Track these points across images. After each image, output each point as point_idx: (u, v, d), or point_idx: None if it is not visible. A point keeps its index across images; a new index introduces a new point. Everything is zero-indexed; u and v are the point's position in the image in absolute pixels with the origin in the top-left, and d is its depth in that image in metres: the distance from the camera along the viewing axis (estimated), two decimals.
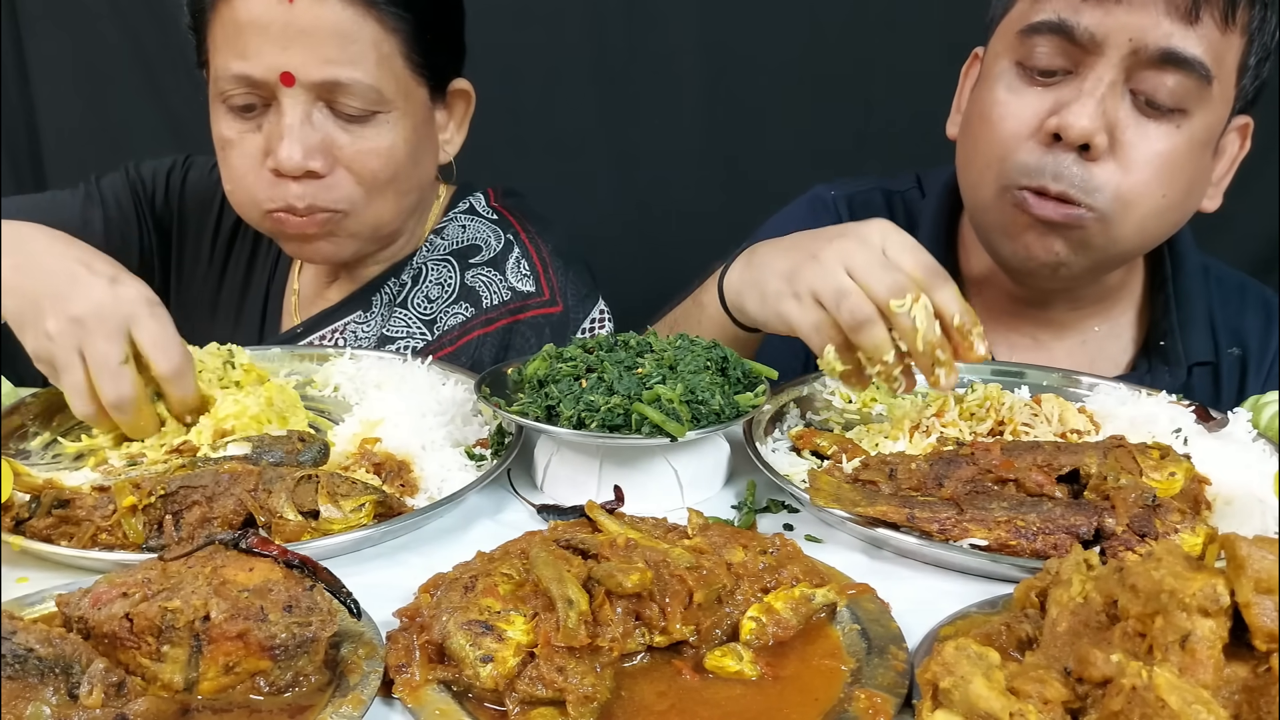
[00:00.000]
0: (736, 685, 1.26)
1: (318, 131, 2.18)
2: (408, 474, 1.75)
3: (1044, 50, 2.09)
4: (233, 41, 2.16)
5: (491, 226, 2.53)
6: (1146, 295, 2.47)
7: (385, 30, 2.19)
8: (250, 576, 1.22)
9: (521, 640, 1.22)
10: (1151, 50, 2.00)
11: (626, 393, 1.67)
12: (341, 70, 2.15)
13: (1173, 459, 1.67)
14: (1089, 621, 1.15)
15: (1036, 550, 1.51)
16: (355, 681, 1.19)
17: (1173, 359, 2.35)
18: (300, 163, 2.16)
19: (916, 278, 1.79)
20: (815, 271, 1.84)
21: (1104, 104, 2.04)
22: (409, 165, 2.31)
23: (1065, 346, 2.44)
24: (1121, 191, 2.08)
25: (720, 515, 1.69)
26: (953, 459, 1.67)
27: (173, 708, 1.14)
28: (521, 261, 2.47)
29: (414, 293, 2.44)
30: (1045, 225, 2.13)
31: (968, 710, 1.06)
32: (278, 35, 2.11)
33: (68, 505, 1.54)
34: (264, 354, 2.18)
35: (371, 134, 2.23)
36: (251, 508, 1.55)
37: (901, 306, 1.77)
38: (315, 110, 2.18)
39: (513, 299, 2.42)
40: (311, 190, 2.21)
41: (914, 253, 1.82)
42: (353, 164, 2.22)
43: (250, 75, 2.14)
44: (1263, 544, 1.06)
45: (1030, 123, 2.12)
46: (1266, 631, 1.04)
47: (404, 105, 2.26)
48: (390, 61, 2.22)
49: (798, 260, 1.88)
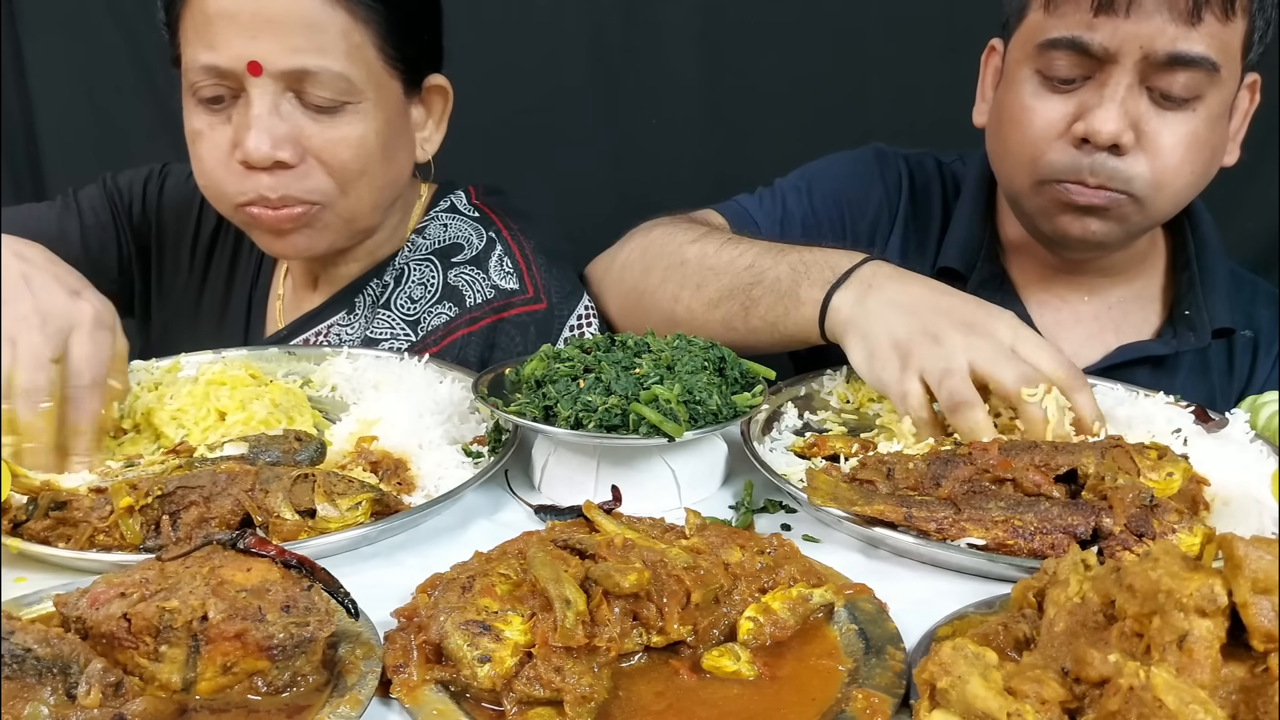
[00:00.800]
0: (734, 685, 1.26)
1: (286, 121, 2.16)
2: (405, 472, 1.75)
3: (1062, 63, 2.19)
4: (202, 33, 2.14)
5: (473, 225, 2.51)
6: (1169, 272, 2.55)
7: (356, 20, 2.17)
8: (248, 576, 1.22)
9: (519, 640, 1.22)
10: (1161, 55, 2.09)
11: (624, 393, 1.67)
12: (309, 59, 2.13)
13: (1170, 459, 1.67)
14: (1086, 621, 1.15)
15: (1034, 550, 1.51)
16: (353, 681, 1.19)
17: (1197, 325, 2.42)
18: (268, 153, 2.14)
19: (1057, 377, 1.83)
20: (933, 355, 1.85)
21: (1124, 105, 2.13)
22: (381, 158, 2.29)
23: (1093, 310, 2.51)
24: (1153, 177, 2.19)
25: (718, 515, 1.69)
26: (950, 459, 1.67)
27: (170, 708, 1.14)
28: (504, 259, 2.44)
29: (397, 293, 2.42)
30: (1084, 210, 2.24)
31: (965, 710, 1.06)
32: (245, 24, 2.10)
33: (65, 507, 1.54)
34: (260, 354, 2.18)
35: (342, 124, 2.21)
36: (249, 507, 1.55)
37: (1033, 396, 1.79)
38: (283, 100, 2.16)
39: (496, 297, 2.39)
40: (284, 181, 2.18)
41: (1050, 353, 1.86)
42: (322, 154, 2.20)
43: (218, 65, 2.13)
44: (1260, 544, 1.06)
45: (1058, 125, 2.22)
46: (1264, 631, 1.03)
47: (375, 96, 2.24)
48: (361, 51, 2.20)
49: (915, 332, 1.88)
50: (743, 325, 2.19)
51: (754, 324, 2.17)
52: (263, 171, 2.17)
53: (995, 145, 2.41)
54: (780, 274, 2.14)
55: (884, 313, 1.94)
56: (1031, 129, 2.25)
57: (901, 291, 1.97)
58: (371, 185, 2.30)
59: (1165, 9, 2.07)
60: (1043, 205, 2.29)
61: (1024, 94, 2.26)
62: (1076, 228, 2.26)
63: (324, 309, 2.47)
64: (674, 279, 2.32)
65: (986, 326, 1.87)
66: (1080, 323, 2.50)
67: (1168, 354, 2.42)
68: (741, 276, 2.20)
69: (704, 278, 2.26)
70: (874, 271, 2.02)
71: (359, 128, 2.22)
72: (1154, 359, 2.43)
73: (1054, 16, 2.18)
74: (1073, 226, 2.26)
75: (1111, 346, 2.45)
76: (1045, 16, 2.20)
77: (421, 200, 2.58)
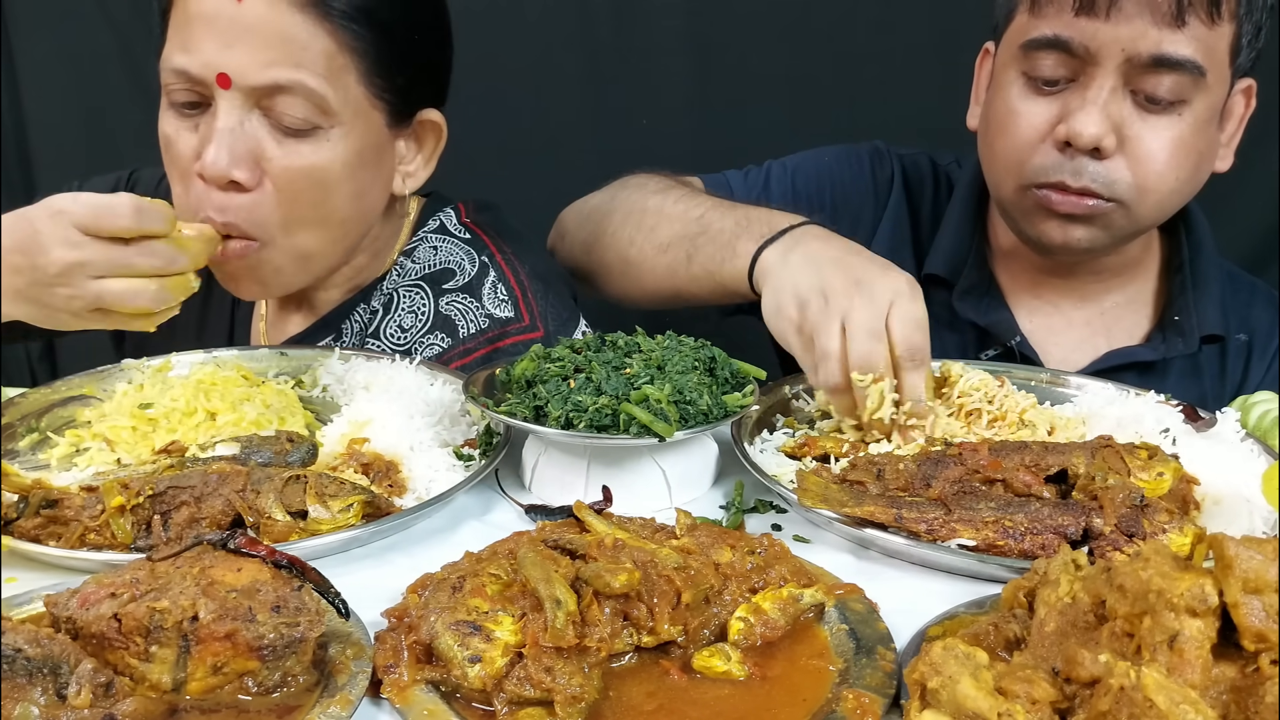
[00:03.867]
0: (724, 685, 1.27)
1: (248, 139, 2.06)
2: (396, 474, 1.74)
3: (1047, 63, 2.20)
4: (180, 33, 2.07)
5: (465, 248, 2.41)
6: (1163, 275, 2.55)
7: (340, 46, 2.08)
8: (238, 577, 1.22)
9: (509, 640, 1.23)
10: (1144, 57, 2.10)
11: (614, 393, 1.67)
12: (283, 72, 2.03)
13: (1161, 459, 1.68)
14: (1077, 621, 1.15)
15: (1024, 550, 1.52)
16: (343, 682, 1.19)
17: (1186, 330, 2.42)
18: (224, 170, 2.03)
19: (896, 354, 1.83)
20: (819, 318, 1.86)
21: (1107, 109, 2.14)
22: (345, 192, 2.18)
23: (1084, 315, 2.52)
24: (1137, 181, 2.19)
25: (708, 515, 1.70)
26: (940, 459, 1.67)
27: (161, 708, 1.14)
28: (499, 286, 2.35)
29: (386, 322, 2.33)
30: (1067, 217, 2.24)
31: (955, 710, 1.06)
32: (222, 32, 2.02)
33: (56, 505, 1.54)
34: (251, 355, 2.18)
35: (307, 150, 2.10)
36: (240, 508, 1.54)
37: (861, 382, 1.81)
38: (250, 118, 2.06)
39: (491, 327, 2.30)
40: (233, 205, 2.07)
41: (905, 329, 1.84)
42: (278, 179, 2.08)
43: (188, 70, 2.05)
44: (1251, 544, 1.06)
45: (1041, 129, 2.23)
46: (1255, 631, 1.04)
47: (351, 123, 2.13)
48: (342, 76, 2.10)
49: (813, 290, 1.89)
50: (684, 272, 2.26)
51: (694, 271, 2.23)
52: (217, 190, 2.07)
53: (983, 149, 2.42)
54: (724, 226, 2.19)
55: (799, 267, 1.96)
56: (1016, 132, 2.26)
57: (821, 250, 1.98)
58: (327, 221, 2.19)
59: (1147, 11, 2.08)
60: (1027, 210, 2.30)
61: (1010, 97, 2.28)
62: (1059, 234, 2.27)
63: (310, 334, 2.39)
64: (632, 223, 2.41)
65: (872, 288, 1.85)
66: (1071, 328, 2.50)
67: (1155, 359, 2.42)
68: (690, 226, 2.27)
69: (657, 223, 2.35)
70: (805, 232, 2.05)
71: (324, 155, 2.12)
72: (1142, 364, 2.43)
73: (1038, 17, 2.19)
74: (1055, 233, 2.27)
75: (1102, 351, 2.45)
76: (1030, 18, 2.21)
77: (409, 218, 2.48)
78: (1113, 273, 2.49)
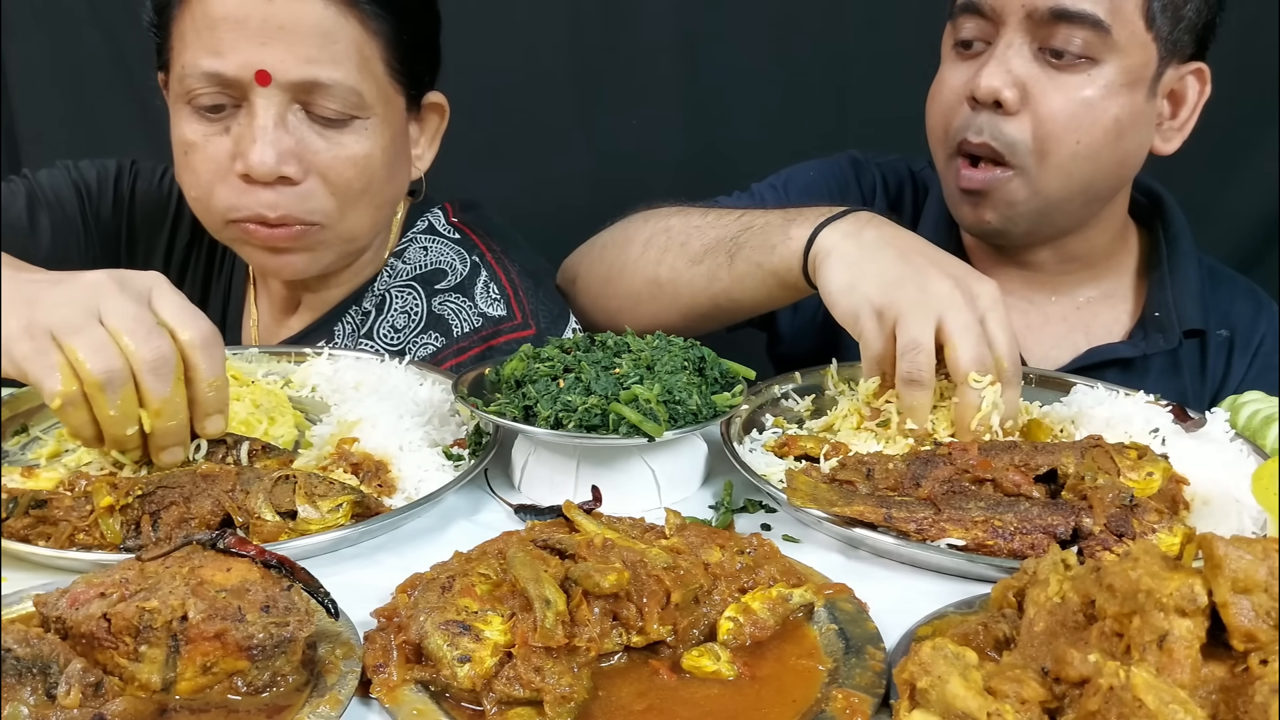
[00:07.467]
0: (714, 685, 1.26)
1: (292, 135, 2.08)
2: (385, 474, 1.74)
3: (967, 27, 2.27)
4: (204, 37, 2.05)
5: (455, 248, 2.43)
6: (1141, 271, 2.57)
7: (367, 32, 2.11)
8: (228, 577, 1.22)
9: (499, 640, 1.23)
10: (1043, 11, 2.17)
11: (604, 393, 1.67)
12: (322, 70, 2.06)
13: (1150, 459, 1.68)
14: (1066, 621, 1.16)
15: (1014, 550, 1.52)
16: (333, 681, 1.19)
17: (1167, 326, 2.44)
18: (273, 167, 2.05)
19: (1002, 366, 1.82)
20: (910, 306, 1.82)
21: (1010, 64, 2.20)
22: (384, 176, 2.23)
23: (1060, 310, 2.53)
24: (1035, 142, 2.22)
25: (698, 515, 1.69)
26: (930, 459, 1.67)
27: (150, 708, 1.14)
28: (490, 285, 2.37)
29: (379, 322, 2.34)
30: (973, 195, 2.30)
31: (945, 710, 1.06)
32: (255, 31, 2.02)
33: (45, 505, 1.53)
34: (241, 354, 2.17)
35: (349, 140, 2.14)
36: (229, 508, 1.54)
37: (979, 384, 1.79)
38: (290, 113, 2.08)
39: (484, 325, 2.32)
40: (285, 200, 2.11)
41: (1008, 337, 1.84)
42: (328, 171, 2.13)
43: (223, 73, 2.04)
44: (1240, 543, 1.06)
45: (959, 91, 2.30)
46: (1244, 631, 1.04)
47: (383, 112, 2.18)
48: (371, 65, 2.13)
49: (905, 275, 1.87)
50: (726, 274, 2.21)
51: (739, 268, 2.19)
52: (263, 187, 2.09)
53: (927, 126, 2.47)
54: (771, 219, 2.18)
55: (876, 247, 1.94)
56: (940, 98, 2.35)
57: (895, 236, 1.98)
58: (372, 204, 2.24)
59: None
60: (950, 193, 2.37)
61: (943, 68, 2.36)
62: (971, 215, 2.33)
63: (304, 336, 2.38)
64: (657, 245, 2.37)
65: (970, 289, 1.85)
66: (1049, 323, 2.52)
67: (1136, 356, 2.43)
68: (730, 228, 2.25)
69: (689, 235, 2.31)
70: (870, 216, 2.05)
71: (366, 144, 2.15)
72: (1123, 361, 2.44)
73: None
74: (969, 216, 2.34)
75: (1081, 348, 2.46)
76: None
77: (398, 219, 2.50)
78: (1081, 264, 2.50)
